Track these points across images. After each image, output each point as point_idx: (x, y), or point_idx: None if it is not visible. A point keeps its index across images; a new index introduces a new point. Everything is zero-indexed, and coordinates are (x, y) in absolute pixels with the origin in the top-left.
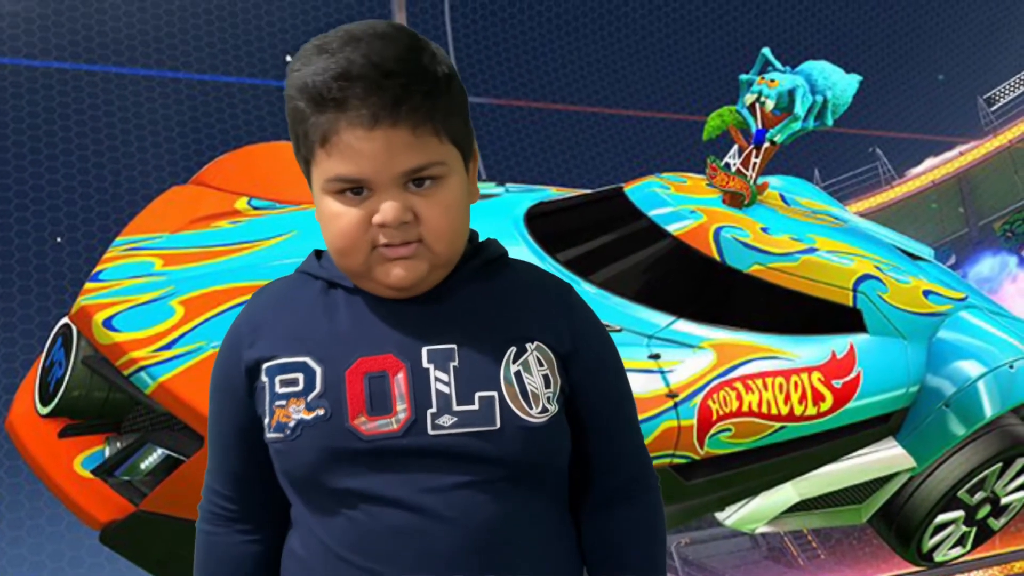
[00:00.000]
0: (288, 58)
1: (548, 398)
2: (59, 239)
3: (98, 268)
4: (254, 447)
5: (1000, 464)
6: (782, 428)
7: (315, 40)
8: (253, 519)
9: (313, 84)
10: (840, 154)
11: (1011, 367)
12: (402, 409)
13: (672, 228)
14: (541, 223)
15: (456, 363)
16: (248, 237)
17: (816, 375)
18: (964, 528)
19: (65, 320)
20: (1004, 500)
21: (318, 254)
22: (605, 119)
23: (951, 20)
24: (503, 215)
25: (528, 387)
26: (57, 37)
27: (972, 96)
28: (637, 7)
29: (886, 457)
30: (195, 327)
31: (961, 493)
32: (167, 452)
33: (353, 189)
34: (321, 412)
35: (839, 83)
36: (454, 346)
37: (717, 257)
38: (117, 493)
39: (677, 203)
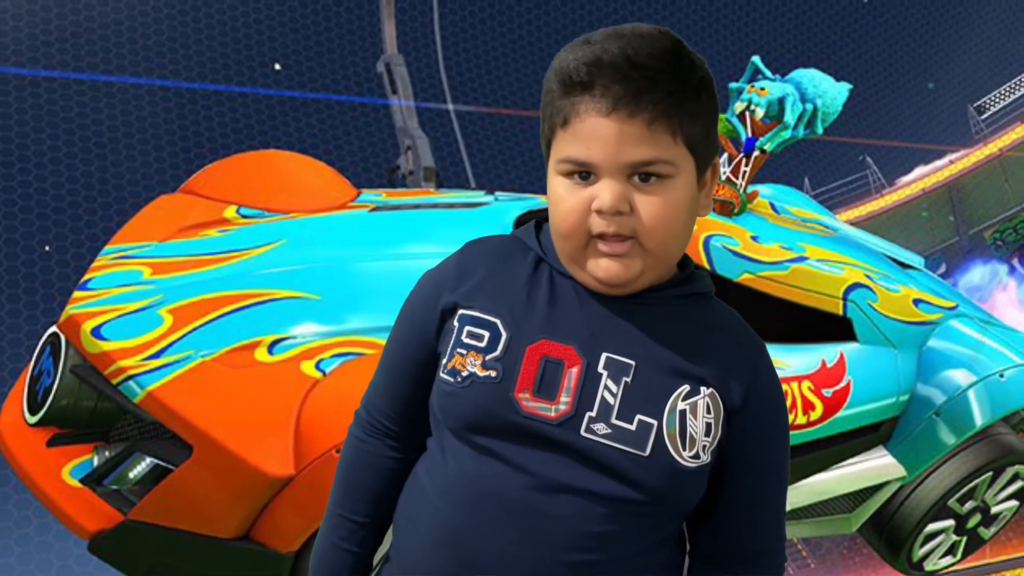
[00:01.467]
0: (277, 66)
1: (704, 447)
2: (47, 248)
3: (86, 277)
4: (423, 379)
5: (991, 473)
6: None
7: (587, 34)
8: (403, 440)
9: (566, 67)
10: (830, 162)
11: (1001, 376)
12: (565, 401)
13: None
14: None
15: (629, 379)
16: (237, 246)
17: (806, 384)
18: (954, 537)
19: (53, 329)
20: (994, 509)
21: (539, 227)
22: None
23: (941, 28)
24: (492, 223)
25: (689, 428)
26: (46, 45)
27: (962, 104)
28: (626, 15)
29: (876, 466)
30: (184, 336)
31: (951, 502)
32: (156, 461)
33: (581, 173)
34: (493, 374)
35: (829, 91)
36: (633, 363)
37: (707, 265)
38: (106, 502)
39: None
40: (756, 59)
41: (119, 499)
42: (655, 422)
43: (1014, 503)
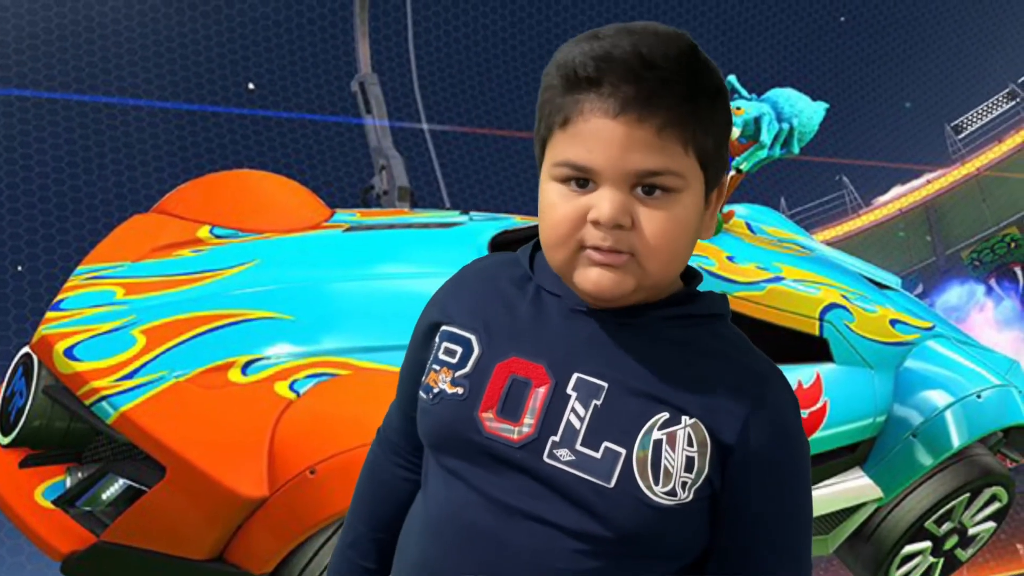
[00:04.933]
0: (250, 86)
1: (684, 484)
2: (20, 267)
3: (59, 297)
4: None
5: (968, 494)
6: None
7: (594, 29)
8: (411, 455)
9: (572, 61)
10: (807, 182)
11: (979, 397)
12: (528, 424)
13: None
14: (505, 251)
15: (600, 402)
16: (210, 266)
17: None
18: (931, 559)
19: (26, 349)
20: (972, 531)
21: (537, 246)
22: None
23: (918, 47)
24: (467, 243)
25: (664, 461)
26: (18, 65)
27: (939, 124)
28: None
29: (853, 487)
30: (157, 356)
31: (928, 524)
32: (129, 483)
33: (579, 180)
34: (459, 391)
35: (805, 111)
36: (606, 385)
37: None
38: (78, 524)
39: None
40: (732, 78)
41: (92, 520)
42: (623, 451)
43: (991, 524)
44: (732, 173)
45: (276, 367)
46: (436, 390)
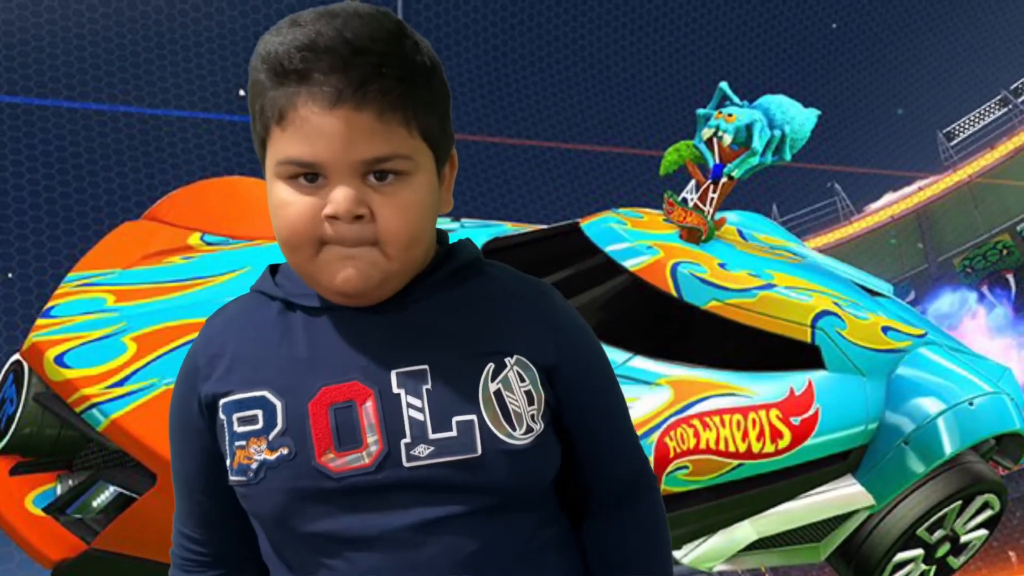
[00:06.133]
0: (241, 92)
1: (532, 416)
2: (10, 275)
3: (50, 304)
4: (220, 486)
5: (960, 502)
6: (740, 465)
7: (293, 15)
8: (227, 563)
9: (276, 54)
10: (798, 189)
11: (971, 404)
12: (373, 441)
13: (629, 264)
14: (497, 259)
15: (429, 385)
16: (201, 273)
17: (774, 412)
18: (923, 566)
19: (16, 357)
20: (964, 538)
21: (273, 270)
22: (561, 154)
23: (910, 54)
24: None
25: (510, 406)
26: (8, 71)
27: (931, 131)
28: (594, 41)
29: (845, 495)
30: (148, 364)
31: (920, 531)
32: (119, 490)
33: (307, 175)
34: (285, 451)
35: (797, 117)
36: (426, 367)
37: (674, 293)
38: (69, 531)
39: (634, 239)
40: (724, 85)
41: (83, 528)
42: (473, 416)
43: (983, 532)
44: (724, 180)
45: None
46: (255, 465)
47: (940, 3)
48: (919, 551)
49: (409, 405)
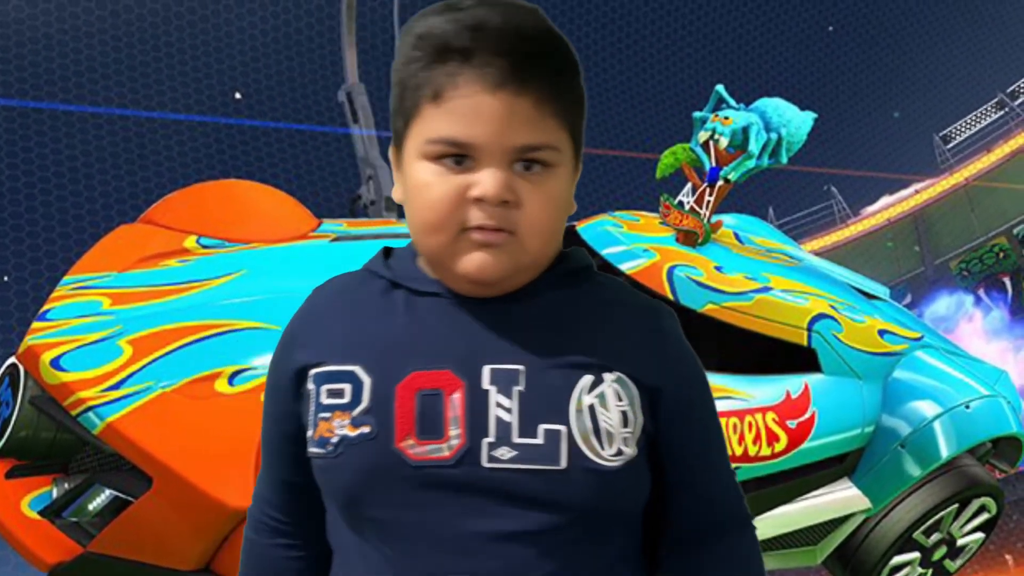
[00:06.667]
0: (237, 95)
1: (625, 439)
2: (6, 278)
3: (45, 307)
4: (303, 456)
5: (956, 505)
6: (736, 469)
7: (446, 1)
8: (300, 533)
9: (441, 32)
10: (795, 192)
11: (967, 407)
12: (455, 435)
13: (625, 267)
14: None
15: (522, 387)
16: (197, 276)
17: (770, 415)
18: (920, 570)
19: (12, 360)
20: (960, 541)
21: (387, 252)
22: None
23: (907, 57)
24: None
25: (602, 424)
26: (3, 74)
27: (928, 134)
28: (590, 43)
29: (841, 498)
30: (144, 367)
31: (917, 534)
32: (115, 493)
33: (455, 157)
34: (366, 430)
35: (793, 120)
36: (521, 367)
37: (670, 296)
38: (65, 534)
39: (630, 242)
40: (720, 88)
41: (78, 531)
42: (562, 427)
43: (980, 535)
44: (720, 183)
45: (263, 377)
46: (335, 439)
47: (937, 6)
48: (916, 554)
49: (498, 404)
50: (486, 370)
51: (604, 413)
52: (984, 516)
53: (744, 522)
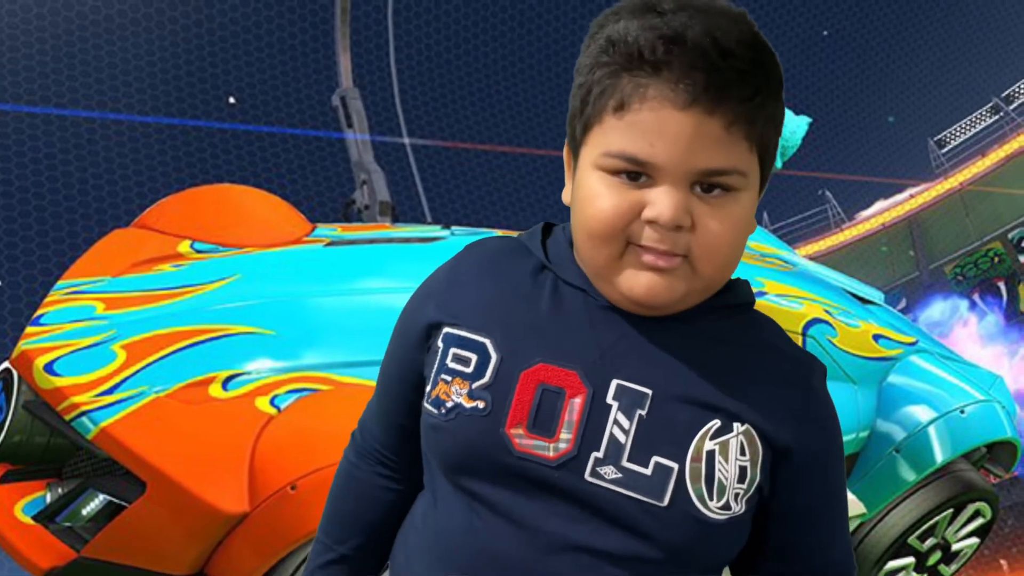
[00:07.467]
0: (231, 100)
1: (736, 495)
2: (0, 282)
3: (39, 312)
4: (416, 404)
5: (951, 510)
6: None
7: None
8: (398, 469)
9: (634, 38)
10: (789, 196)
11: (962, 412)
12: (565, 439)
13: None
14: None
15: (644, 412)
16: (191, 281)
17: None
18: (915, 575)
19: (5, 364)
20: (955, 546)
21: (547, 229)
22: (552, 161)
23: (901, 61)
24: (448, 258)
25: (717, 474)
26: None
27: (923, 138)
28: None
29: None
30: (138, 371)
31: (911, 539)
32: (109, 498)
33: (631, 174)
34: (481, 405)
35: (788, 125)
36: (650, 392)
37: None
38: (59, 539)
39: None
40: None
41: (72, 536)
42: (676, 465)
43: (975, 540)
44: None
45: (257, 382)
46: (450, 404)
47: (931, 11)
48: (910, 559)
49: (616, 421)
50: (613, 384)
51: (722, 463)
52: (979, 521)
53: None
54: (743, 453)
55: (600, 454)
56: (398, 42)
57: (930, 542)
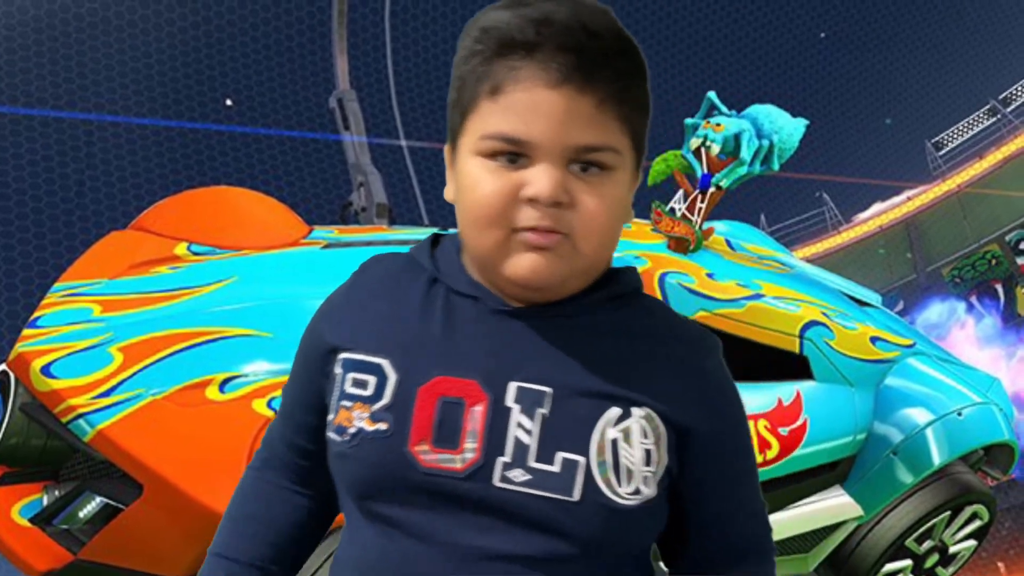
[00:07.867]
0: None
1: (645, 478)
2: None
3: (36, 314)
4: (317, 427)
5: (948, 512)
6: None
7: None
8: (306, 479)
9: (506, 25)
10: (787, 199)
11: (959, 414)
12: (471, 448)
13: None
14: None
15: (546, 411)
16: (187, 283)
17: (762, 422)
18: None
19: (2, 367)
20: (952, 549)
21: (435, 239)
22: None
23: (898, 64)
24: None
25: (623, 460)
26: None
27: (920, 140)
28: None
29: (833, 505)
30: (134, 374)
31: (909, 542)
32: (106, 500)
33: (509, 155)
34: (383, 427)
35: (785, 127)
36: (549, 390)
37: None
38: (55, 542)
39: (621, 248)
40: (712, 95)
41: (69, 538)
42: (582, 458)
43: (972, 543)
44: (712, 190)
45: (254, 384)
46: (353, 430)
47: (929, 13)
48: (908, 562)
49: (519, 424)
50: (512, 387)
51: (627, 449)
52: (976, 523)
53: (765, 554)
54: (646, 436)
55: (507, 458)
56: (395, 44)
57: (927, 544)
